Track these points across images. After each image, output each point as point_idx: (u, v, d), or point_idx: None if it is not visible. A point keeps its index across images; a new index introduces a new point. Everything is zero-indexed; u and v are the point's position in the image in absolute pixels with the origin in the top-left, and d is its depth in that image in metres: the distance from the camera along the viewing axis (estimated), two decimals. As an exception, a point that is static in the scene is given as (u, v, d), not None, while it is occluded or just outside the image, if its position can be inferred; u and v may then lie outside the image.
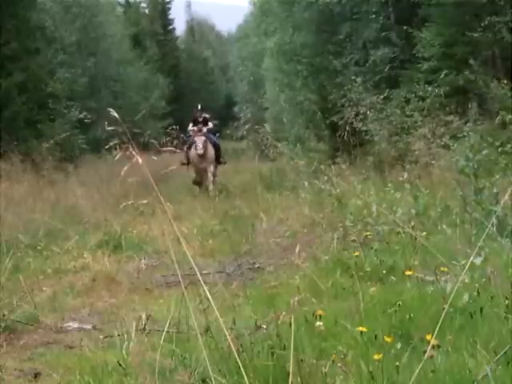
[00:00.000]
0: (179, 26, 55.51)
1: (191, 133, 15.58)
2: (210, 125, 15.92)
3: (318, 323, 3.61)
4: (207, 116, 16.13)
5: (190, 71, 51.56)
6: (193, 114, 16.45)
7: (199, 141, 14.94)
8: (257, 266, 6.70)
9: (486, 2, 14.04)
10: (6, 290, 5.23)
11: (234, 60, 48.48)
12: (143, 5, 46.26)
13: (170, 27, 49.86)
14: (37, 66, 18.75)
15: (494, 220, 5.60)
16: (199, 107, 15.99)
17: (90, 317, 5.19)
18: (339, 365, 3.03)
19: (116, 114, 2.81)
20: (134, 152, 2.73)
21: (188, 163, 15.67)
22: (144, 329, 4.17)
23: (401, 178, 8.68)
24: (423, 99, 13.27)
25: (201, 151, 14.88)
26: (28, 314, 4.86)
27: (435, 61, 14.96)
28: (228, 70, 57.24)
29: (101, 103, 24.25)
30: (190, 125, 15.92)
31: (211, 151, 15.49)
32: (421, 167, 9.72)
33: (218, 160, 15.84)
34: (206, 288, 2.91)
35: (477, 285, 4.00)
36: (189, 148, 15.45)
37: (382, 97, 14.14)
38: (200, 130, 15.26)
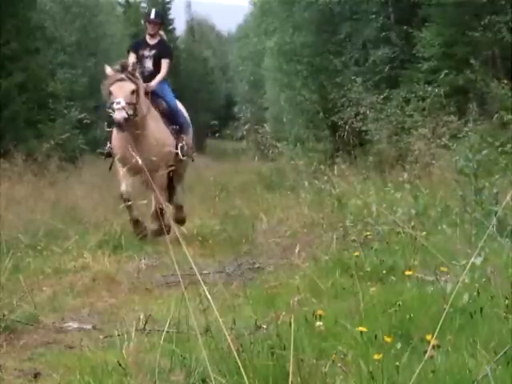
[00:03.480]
0: (179, 26, 55.53)
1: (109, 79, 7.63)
2: (165, 68, 8.20)
3: (317, 323, 3.61)
4: (164, 35, 8.67)
5: (190, 71, 51.52)
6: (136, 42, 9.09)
7: (119, 91, 7.35)
8: (257, 266, 6.69)
9: (486, 2, 14.07)
10: (6, 290, 5.23)
11: (234, 60, 48.50)
12: (143, 5, 46.27)
13: (170, 27, 49.87)
14: (37, 65, 18.77)
15: (494, 220, 5.60)
16: (153, 14, 8.56)
17: (89, 317, 5.19)
18: (339, 365, 3.03)
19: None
20: (133, 153, 2.75)
21: (111, 154, 8.10)
22: (144, 329, 4.17)
23: (401, 178, 8.69)
24: (423, 99, 13.29)
25: (120, 116, 7.14)
26: (28, 314, 4.86)
27: (435, 61, 14.99)
28: (228, 70, 57.24)
29: (101, 103, 24.23)
30: (131, 57, 8.31)
31: (159, 128, 7.88)
32: (421, 167, 9.72)
33: (180, 150, 8.06)
34: (205, 288, 2.92)
35: (477, 285, 3.99)
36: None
37: (381, 97, 14.16)
38: (124, 68, 7.53)
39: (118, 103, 7.27)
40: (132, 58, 8.33)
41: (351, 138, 11.71)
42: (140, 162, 3.06)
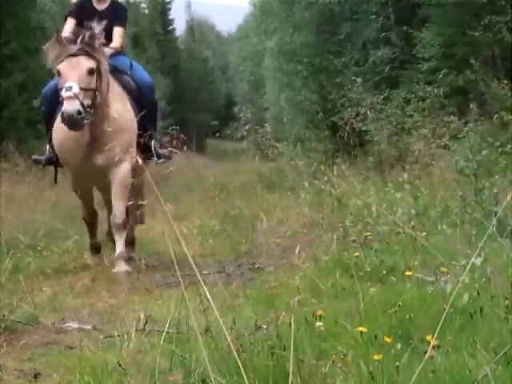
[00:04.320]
0: (179, 26, 55.63)
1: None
2: (117, 39, 6.28)
3: (317, 323, 3.61)
4: None
5: (190, 71, 51.55)
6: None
7: (70, 72, 5.38)
8: (257, 266, 6.69)
9: (486, 2, 14.07)
10: (6, 290, 5.23)
11: (234, 60, 48.59)
12: (143, 5, 46.30)
13: (170, 27, 49.92)
14: (37, 66, 18.74)
15: (494, 220, 5.60)
16: None
17: (90, 317, 5.19)
18: (339, 365, 3.02)
19: (115, 115, 2.82)
20: (133, 153, 2.75)
21: (53, 162, 6.56)
22: (144, 329, 4.17)
23: (401, 179, 8.69)
24: (423, 100, 13.30)
25: (71, 108, 5.10)
26: (28, 315, 4.85)
27: (435, 61, 15.00)
28: (228, 70, 57.33)
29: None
30: (68, 24, 6.27)
31: (123, 111, 5.81)
32: (421, 167, 9.72)
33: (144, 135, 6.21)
34: (205, 288, 2.92)
35: (477, 285, 3.99)
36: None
37: (382, 97, 14.16)
38: (77, 37, 5.62)
39: (69, 89, 5.16)
40: (71, 24, 6.11)
41: (351, 139, 11.71)
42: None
